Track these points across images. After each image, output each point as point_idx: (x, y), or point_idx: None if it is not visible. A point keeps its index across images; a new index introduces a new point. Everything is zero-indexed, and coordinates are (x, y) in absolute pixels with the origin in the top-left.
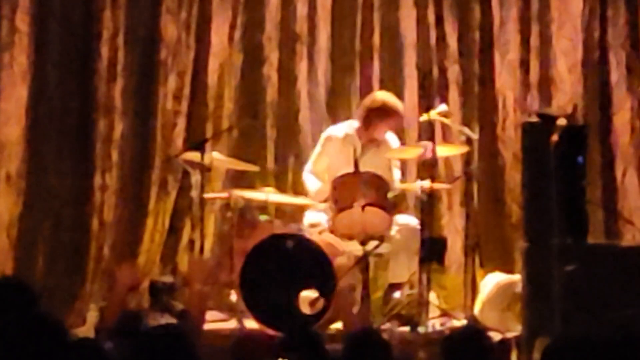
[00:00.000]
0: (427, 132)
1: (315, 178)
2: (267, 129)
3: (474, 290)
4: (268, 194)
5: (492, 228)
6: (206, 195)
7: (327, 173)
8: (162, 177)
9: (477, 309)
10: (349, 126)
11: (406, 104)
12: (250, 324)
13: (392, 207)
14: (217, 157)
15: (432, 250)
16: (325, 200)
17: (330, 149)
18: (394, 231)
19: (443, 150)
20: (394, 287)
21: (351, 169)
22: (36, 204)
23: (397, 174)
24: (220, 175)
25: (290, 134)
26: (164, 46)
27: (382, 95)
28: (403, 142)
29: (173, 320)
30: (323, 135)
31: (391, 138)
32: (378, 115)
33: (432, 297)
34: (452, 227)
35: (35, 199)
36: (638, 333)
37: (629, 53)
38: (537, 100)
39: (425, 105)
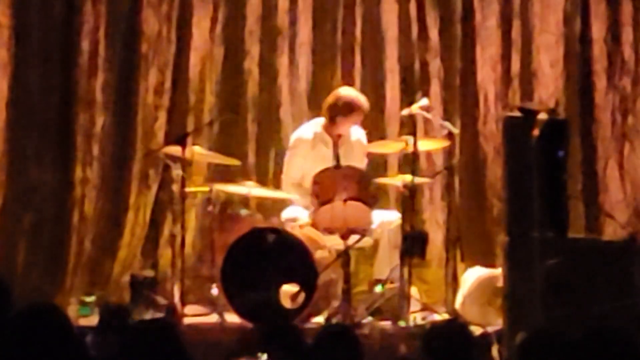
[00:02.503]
0: (409, 126)
1: (294, 190)
2: (249, 123)
3: (455, 284)
4: (249, 188)
5: (474, 222)
6: (187, 189)
7: (304, 172)
8: (143, 171)
9: (458, 303)
10: (316, 124)
11: (388, 98)
12: (232, 317)
13: (374, 200)
14: (198, 151)
15: (413, 244)
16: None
17: (301, 150)
18: (375, 226)
19: (424, 145)
20: (376, 282)
21: (324, 165)
22: (17, 198)
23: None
24: (202, 169)
25: (271, 128)
26: (144, 40)
27: (345, 92)
28: (384, 136)
29: (158, 314)
30: (292, 139)
31: (358, 132)
32: (341, 111)
33: (414, 291)
34: (434, 221)
35: (15, 192)
36: (617, 327)
37: (611, 47)
38: (518, 95)
39: (407, 99)
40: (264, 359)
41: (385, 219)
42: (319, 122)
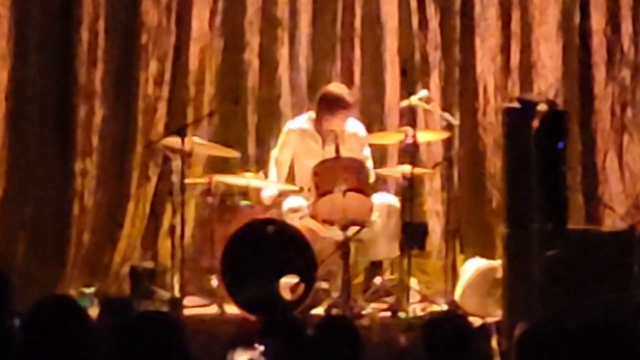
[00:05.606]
0: (409, 117)
1: (276, 168)
2: (248, 114)
3: (454, 275)
4: (249, 180)
5: (473, 213)
6: (187, 181)
7: (294, 163)
8: (143, 163)
9: (457, 294)
10: (308, 119)
11: (387, 89)
12: (231, 309)
13: (373, 192)
14: (197, 142)
15: (413, 235)
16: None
17: (292, 141)
18: (374, 215)
19: (424, 136)
20: (374, 265)
21: (314, 161)
22: (17, 189)
23: (369, 164)
24: (201, 161)
25: (271, 119)
26: (144, 31)
27: (331, 89)
28: (384, 127)
29: (159, 307)
30: (284, 128)
31: (354, 126)
32: (327, 109)
33: (413, 282)
34: (433, 212)
35: (15, 184)
36: (616, 318)
37: (610, 38)
38: (517, 86)
39: (407, 90)
40: (260, 350)
41: (383, 203)
42: (311, 116)
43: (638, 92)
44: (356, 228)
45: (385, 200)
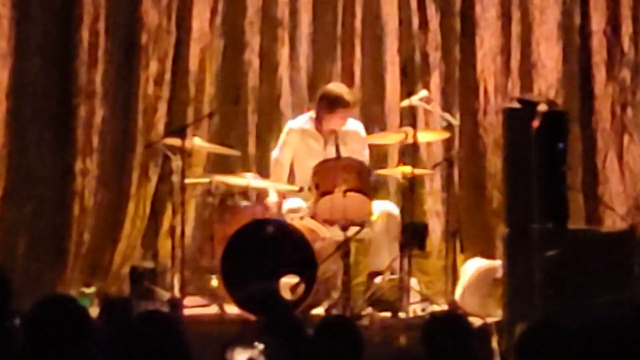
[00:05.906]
0: (409, 117)
1: (276, 170)
2: (249, 114)
3: (454, 275)
4: (249, 180)
5: (473, 213)
6: (187, 181)
7: (295, 163)
8: (143, 162)
9: (457, 295)
10: (309, 119)
11: (388, 89)
12: (231, 309)
13: (373, 192)
14: (198, 143)
15: (413, 235)
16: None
17: (292, 141)
18: (374, 217)
19: (424, 136)
20: (374, 274)
21: (315, 161)
22: (17, 189)
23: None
24: (202, 161)
25: (271, 119)
26: (145, 31)
27: (330, 88)
28: (384, 127)
29: (159, 307)
30: (285, 128)
31: (354, 125)
32: (327, 108)
33: (413, 282)
34: (433, 212)
35: (16, 184)
36: (617, 318)
37: (610, 39)
38: (518, 86)
39: (407, 90)
40: (260, 349)
41: (384, 211)
42: (312, 116)
43: (638, 93)
44: (356, 228)
45: (385, 208)
